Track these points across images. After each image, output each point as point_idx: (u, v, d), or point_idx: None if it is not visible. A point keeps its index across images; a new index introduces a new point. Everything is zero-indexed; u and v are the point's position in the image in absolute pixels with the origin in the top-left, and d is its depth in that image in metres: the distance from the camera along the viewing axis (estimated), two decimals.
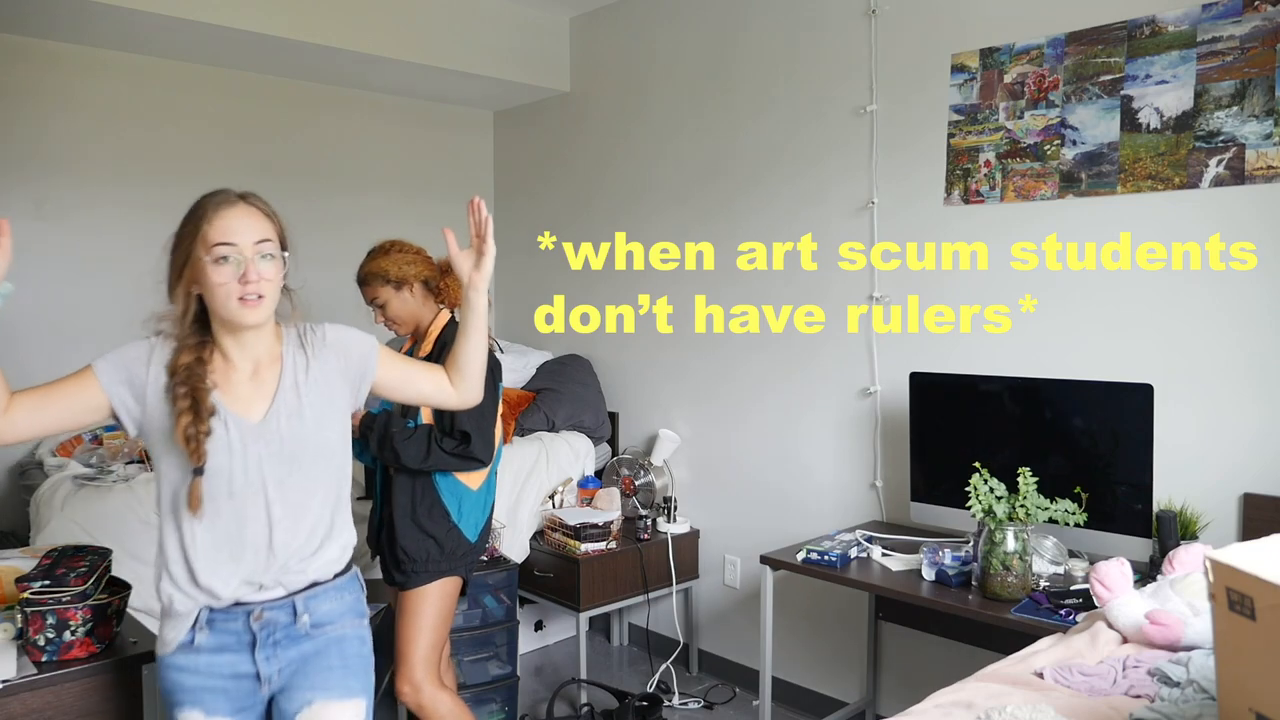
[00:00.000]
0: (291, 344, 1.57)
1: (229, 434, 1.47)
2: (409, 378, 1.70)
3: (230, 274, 1.45)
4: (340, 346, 1.61)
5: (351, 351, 1.61)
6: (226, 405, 1.49)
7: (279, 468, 1.50)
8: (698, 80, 3.63)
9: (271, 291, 1.49)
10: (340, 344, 1.61)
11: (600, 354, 4.07)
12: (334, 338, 1.61)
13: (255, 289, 1.46)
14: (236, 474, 1.47)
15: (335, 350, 1.60)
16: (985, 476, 2.22)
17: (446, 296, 2.51)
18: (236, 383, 1.52)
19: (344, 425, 1.61)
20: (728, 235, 3.52)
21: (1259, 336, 2.27)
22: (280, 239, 1.55)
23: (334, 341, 1.61)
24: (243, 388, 1.52)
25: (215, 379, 1.50)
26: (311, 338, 1.59)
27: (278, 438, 1.50)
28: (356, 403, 1.63)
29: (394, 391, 1.69)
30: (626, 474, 3.79)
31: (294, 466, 1.51)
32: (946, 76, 2.83)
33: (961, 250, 2.82)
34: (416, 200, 4.34)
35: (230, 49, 3.50)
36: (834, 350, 3.18)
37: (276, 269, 1.51)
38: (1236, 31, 2.27)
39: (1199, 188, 2.34)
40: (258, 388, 1.53)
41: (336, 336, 1.62)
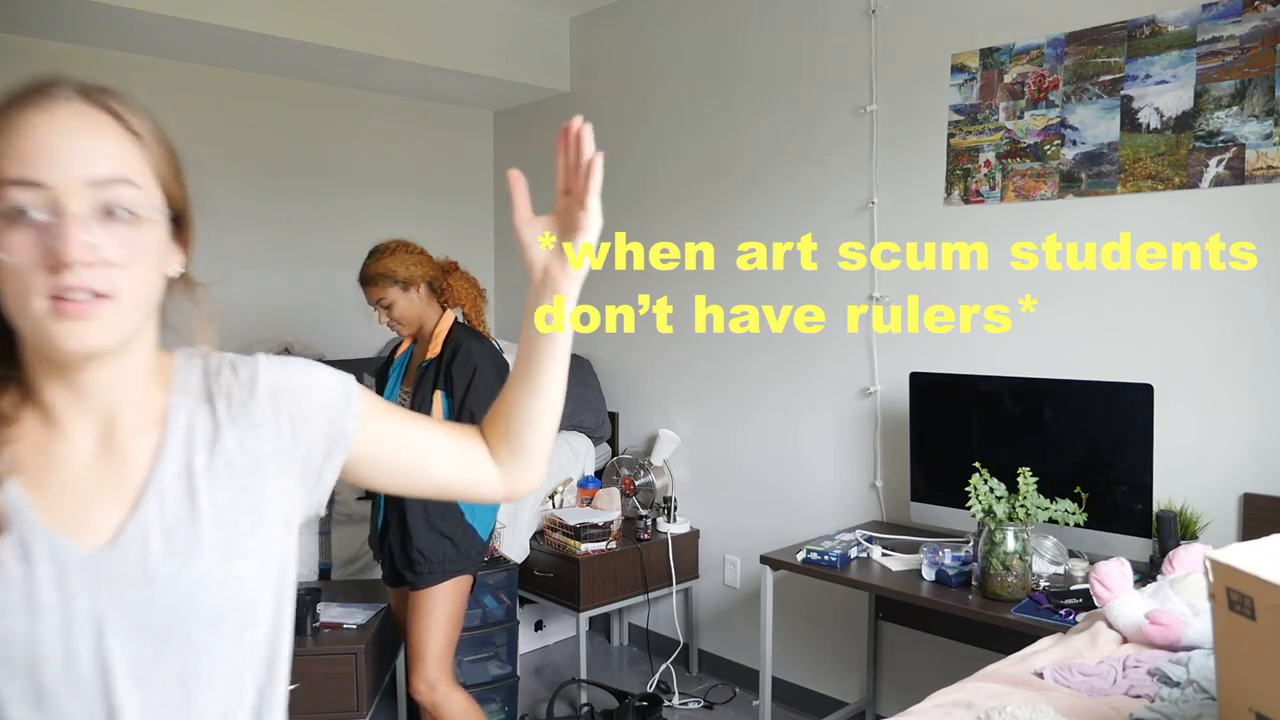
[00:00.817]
0: (188, 393, 0.82)
1: (34, 575, 0.72)
2: (413, 443, 0.92)
3: (32, 245, 0.70)
4: (287, 394, 0.85)
5: (307, 401, 0.85)
6: (37, 514, 0.74)
7: (139, 641, 0.74)
8: (698, 80, 3.63)
9: (129, 286, 0.74)
10: (286, 390, 0.85)
11: (600, 354, 4.07)
12: (273, 380, 0.85)
13: (85, 279, 0.70)
14: (49, 657, 0.71)
15: (274, 402, 0.84)
16: (985, 476, 2.22)
17: (450, 297, 2.52)
18: (62, 467, 0.77)
19: (281, 551, 0.83)
20: (728, 235, 3.52)
21: (1259, 336, 2.27)
22: (163, 182, 0.78)
23: (272, 387, 0.84)
24: (75, 479, 0.76)
25: (16, 459, 0.76)
26: (228, 382, 0.84)
27: (141, 581, 0.74)
28: (313, 501, 0.87)
29: (384, 470, 0.91)
30: (626, 474, 3.79)
31: (171, 639, 0.75)
32: (946, 76, 2.83)
33: (961, 250, 2.82)
34: (416, 200, 4.34)
35: (230, 49, 3.50)
36: (834, 350, 3.18)
37: (141, 238, 0.74)
38: (1236, 31, 2.27)
39: (1199, 188, 2.34)
40: (107, 478, 0.77)
41: (278, 378, 0.85)
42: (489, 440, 0.96)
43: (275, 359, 0.87)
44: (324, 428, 0.85)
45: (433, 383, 2.40)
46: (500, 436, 0.96)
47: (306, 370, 0.87)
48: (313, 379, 0.86)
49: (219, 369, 0.84)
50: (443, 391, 2.39)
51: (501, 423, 0.95)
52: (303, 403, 0.85)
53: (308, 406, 0.85)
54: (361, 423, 0.87)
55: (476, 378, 2.36)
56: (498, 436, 0.96)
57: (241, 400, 0.82)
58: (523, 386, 0.94)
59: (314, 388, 0.86)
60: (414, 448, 0.92)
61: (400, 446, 0.91)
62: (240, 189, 3.81)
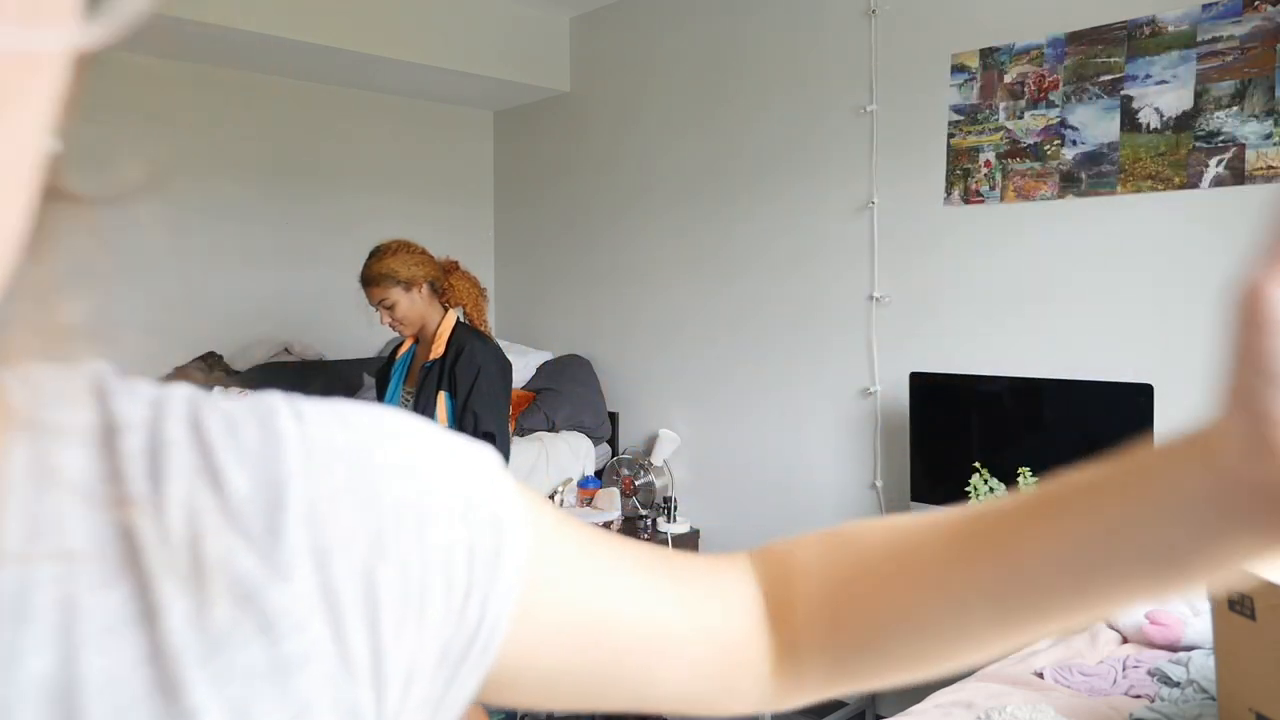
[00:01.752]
0: (68, 485, 0.28)
1: None
2: (626, 630, 0.43)
3: None
4: (351, 535, 0.32)
5: (406, 555, 0.33)
6: None
7: None
8: (698, 80, 3.62)
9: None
10: (355, 518, 0.32)
11: (600, 354, 4.07)
12: (320, 487, 0.32)
13: None
14: None
15: (320, 555, 0.31)
16: (985, 476, 2.22)
17: (451, 297, 2.52)
18: None
19: None
20: (727, 235, 3.52)
21: None
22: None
23: (317, 503, 0.31)
24: None
25: None
26: (192, 491, 0.30)
27: None
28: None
29: (554, 689, 0.42)
30: (626, 474, 3.79)
31: None
32: (946, 76, 2.83)
33: (962, 250, 2.82)
34: (416, 200, 4.34)
35: (230, 49, 3.50)
36: (834, 350, 3.18)
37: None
38: (1236, 31, 2.27)
39: (1199, 188, 2.34)
40: None
41: (333, 478, 0.32)
42: (793, 620, 0.47)
43: (317, 410, 0.34)
44: (443, 620, 0.34)
45: (436, 384, 2.40)
46: (844, 632, 0.46)
47: (400, 448, 0.35)
48: (423, 480, 0.35)
49: (157, 434, 0.31)
50: (447, 393, 2.39)
51: (868, 613, 0.45)
52: (395, 558, 0.33)
53: (409, 570, 0.33)
54: (526, 602, 0.38)
55: (481, 378, 2.36)
56: (834, 628, 0.46)
57: (236, 550, 0.30)
58: (1008, 584, 0.41)
59: (425, 515, 0.34)
60: (626, 641, 0.43)
61: (600, 640, 0.42)
62: (240, 189, 3.80)
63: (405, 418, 0.37)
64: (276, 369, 3.71)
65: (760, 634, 0.47)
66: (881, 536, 0.47)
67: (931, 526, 0.45)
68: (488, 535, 0.36)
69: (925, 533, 0.45)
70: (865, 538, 0.48)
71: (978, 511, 0.44)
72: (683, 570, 0.47)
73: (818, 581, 0.47)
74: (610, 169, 4.00)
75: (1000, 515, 0.42)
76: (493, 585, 0.36)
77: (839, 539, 0.49)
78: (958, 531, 0.44)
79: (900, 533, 0.47)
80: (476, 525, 0.36)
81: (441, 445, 0.37)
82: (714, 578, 0.48)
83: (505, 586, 0.37)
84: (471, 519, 0.36)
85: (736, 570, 0.49)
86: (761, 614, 0.48)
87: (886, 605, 0.45)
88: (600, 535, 0.46)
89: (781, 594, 0.48)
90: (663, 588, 0.45)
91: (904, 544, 0.46)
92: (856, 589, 0.46)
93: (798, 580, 0.47)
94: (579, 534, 0.44)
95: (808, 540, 0.50)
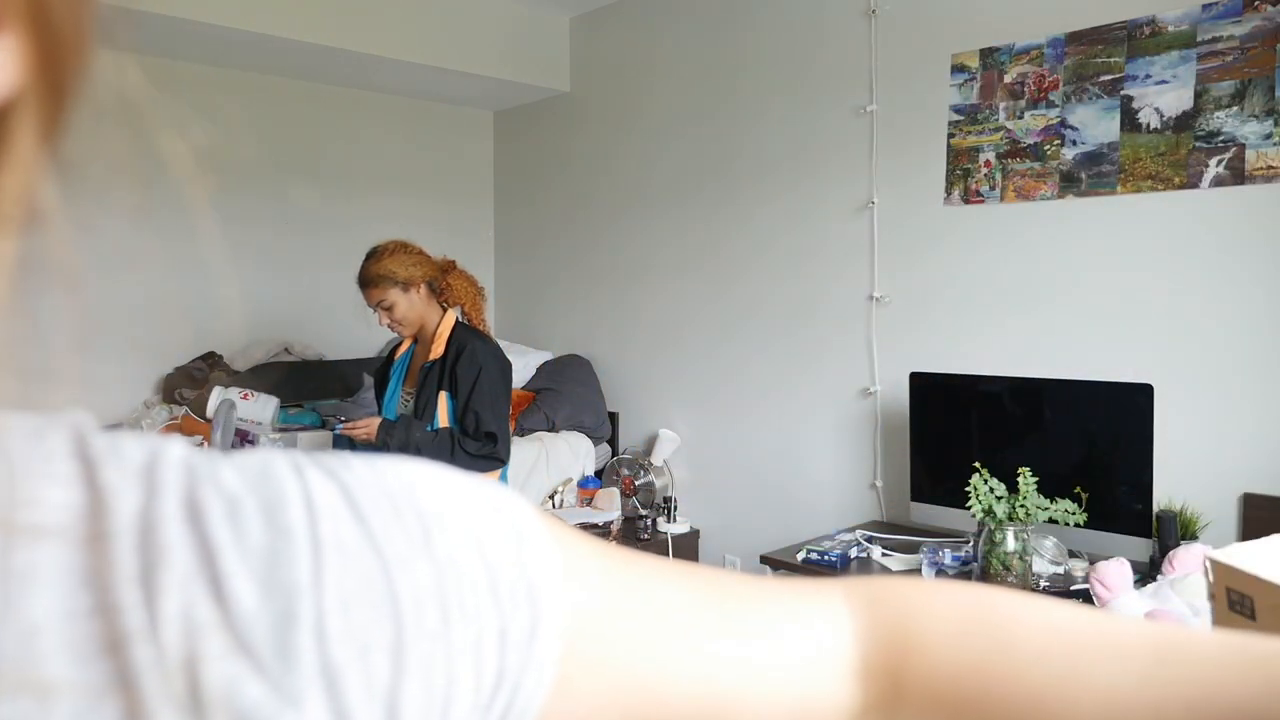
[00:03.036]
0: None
1: None
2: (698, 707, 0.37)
3: None
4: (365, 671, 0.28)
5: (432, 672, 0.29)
6: None
7: None
8: (698, 80, 3.62)
9: None
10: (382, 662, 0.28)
11: (600, 354, 4.07)
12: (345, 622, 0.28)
13: None
14: None
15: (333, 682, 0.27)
16: (985, 476, 2.22)
17: (449, 296, 2.51)
18: None
19: None
20: (727, 235, 3.51)
21: (1259, 336, 2.27)
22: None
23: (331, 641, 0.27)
24: None
25: None
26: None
27: None
28: None
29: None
30: (626, 474, 3.79)
31: None
32: (946, 76, 2.83)
33: (962, 250, 2.82)
34: (416, 200, 4.34)
35: (230, 49, 3.50)
36: (834, 350, 3.18)
37: None
38: (1236, 31, 2.27)
39: (1199, 188, 2.34)
40: None
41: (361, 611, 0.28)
42: (897, 701, 0.41)
43: (325, 492, 0.30)
44: (468, 716, 0.31)
45: (437, 384, 2.40)
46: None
47: (417, 526, 0.31)
48: (444, 560, 0.31)
49: (150, 527, 0.26)
50: (447, 393, 2.39)
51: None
52: (418, 667, 0.29)
53: (434, 675, 0.29)
54: (565, 675, 0.34)
55: (482, 378, 2.36)
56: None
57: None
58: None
59: (450, 606, 0.30)
60: (682, 711, 0.38)
61: (650, 714, 0.37)
62: (240, 189, 3.80)
63: (420, 476, 0.32)
64: (276, 369, 3.71)
65: (846, 698, 0.41)
66: (1042, 639, 0.39)
67: (1115, 648, 0.38)
68: (522, 613, 0.32)
69: (1105, 650, 0.38)
70: (1021, 635, 0.40)
71: (1175, 642, 0.37)
72: (757, 613, 0.40)
73: (947, 672, 0.40)
74: (610, 169, 4.00)
75: (1206, 664, 0.35)
76: (524, 672, 0.32)
77: (985, 625, 0.41)
78: (1152, 669, 0.36)
79: (1071, 642, 0.39)
80: (508, 603, 0.32)
81: (460, 507, 0.32)
82: (798, 624, 0.41)
83: (538, 671, 0.32)
84: (502, 596, 0.32)
85: (827, 614, 0.42)
86: (851, 674, 0.41)
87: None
88: (655, 575, 0.39)
89: (887, 662, 0.41)
90: (732, 641, 0.39)
91: (1079, 661, 0.38)
92: (999, 697, 0.38)
93: (917, 659, 0.40)
94: (626, 578, 0.38)
95: (938, 607, 0.42)
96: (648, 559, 0.41)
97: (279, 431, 3.33)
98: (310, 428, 3.43)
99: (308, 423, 3.49)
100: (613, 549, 0.39)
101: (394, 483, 0.31)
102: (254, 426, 3.29)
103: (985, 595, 0.42)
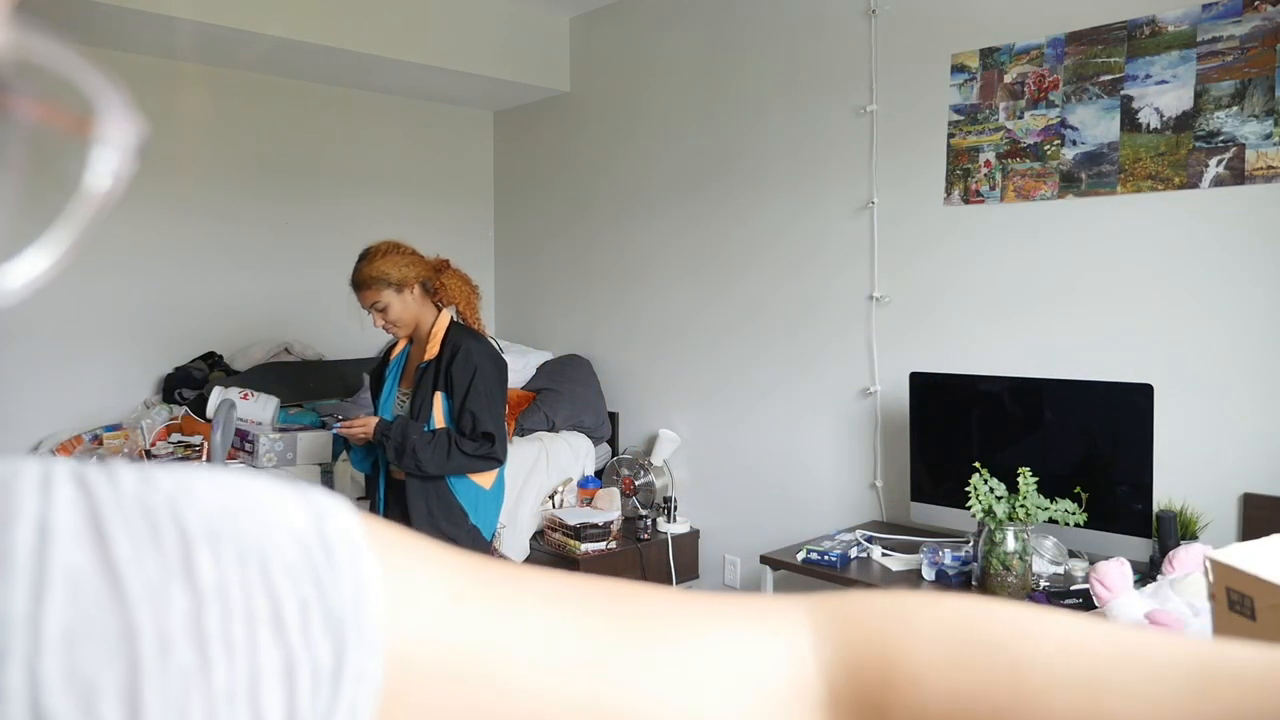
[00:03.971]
0: None
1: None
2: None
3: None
4: None
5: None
6: None
7: None
8: (698, 80, 3.62)
9: None
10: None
11: (600, 354, 4.07)
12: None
13: None
14: None
15: None
16: (985, 476, 2.22)
17: (444, 296, 2.50)
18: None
19: None
20: (728, 235, 3.51)
21: (1259, 336, 2.27)
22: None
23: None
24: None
25: None
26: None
27: None
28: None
29: None
30: (626, 474, 3.79)
31: None
32: (946, 76, 2.83)
33: (962, 250, 2.82)
34: (416, 201, 4.34)
35: (230, 49, 3.50)
36: (834, 350, 3.18)
37: None
38: (1236, 31, 2.27)
39: (1199, 188, 2.34)
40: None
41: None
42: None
43: (69, 517, 0.27)
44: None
45: (432, 384, 2.39)
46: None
47: (202, 517, 0.28)
48: (222, 572, 0.28)
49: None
50: (443, 393, 2.39)
51: None
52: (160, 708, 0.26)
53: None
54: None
55: (478, 378, 2.35)
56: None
57: None
58: None
59: (211, 638, 0.27)
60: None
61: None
62: (240, 189, 3.81)
63: (198, 488, 0.28)
64: (276, 369, 3.71)
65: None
66: (1056, 659, 0.33)
67: (1145, 670, 0.32)
68: (320, 648, 0.28)
69: (1135, 673, 0.32)
70: (1029, 655, 0.33)
71: (1213, 661, 0.32)
72: (679, 637, 0.34)
73: (942, 703, 0.34)
74: (610, 169, 4.00)
75: (1252, 690, 0.30)
76: (330, 718, 0.28)
77: (983, 643, 0.35)
78: (1191, 696, 0.31)
79: (1092, 662, 0.33)
80: (297, 636, 0.28)
81: (244, 523, 0.28)
82: (735, 649, 0.35)
83: (348, 716, 0.28)
84: (289, 627, 0.27)
85: (779, 635, 0.36)
86: (814, 706, 0.35)
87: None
88: (543, 595, 0.34)
89: (864, 692, 0.35)
90: (637, 671, 0.33)
91: (1106, 685, 0.32)
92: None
93: (903, 687, 0.34)
94: (498, 601, 0.33)
95: (924, 624, 0.35)
96: (542, 576, 0.35)
97: (279, 431, 3.33)
98: (310, 428, 3.43)
99: (308, 423, 3.49)
100: (489, 565, 0.33)
101: (159, 498, 0.27)
102: (254, 426, 3.29)
103: (977, 608, 0.36)
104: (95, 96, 0.22)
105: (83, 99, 0.22)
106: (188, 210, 3.60)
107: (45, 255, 0.22)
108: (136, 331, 3.57)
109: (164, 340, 3.63)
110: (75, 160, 0.22)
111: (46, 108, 0.21)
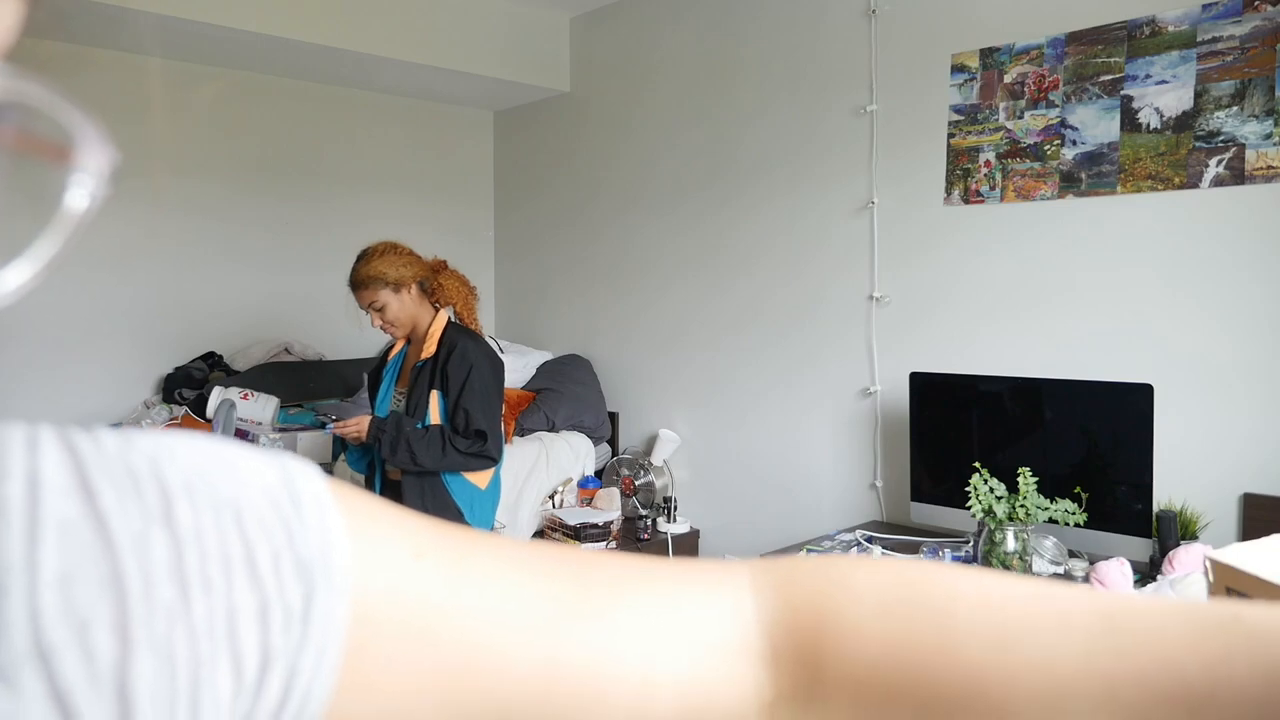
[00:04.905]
0: None
1: None
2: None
3: None
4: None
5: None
6: None
7: None
8: (698, 80, 3.62)
9: None
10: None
11: (600, 354, 4.07)
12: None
13: None
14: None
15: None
16: (985, 476, 2.21)
17: (441, 296, 2.51)
18: None
19: None
20: (727, 235, 3.51)
21: (1259, 336, 2.27)
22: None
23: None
24: None
25: None
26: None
27: None
28: None
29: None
30: (626, 474, 3.79)
31: None
32: (946, 76, 2.83)
33: (962, 250, 2.82)
34: (416, 201, 4.34)
35: (230, 49, 3.50)
36: (834, 350, 3.18)
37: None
38: (1236, 31, 2.27)
39: (1199, 188, 2.34)
40: None
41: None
42: (817, 687, 0.38)
43: (58, 472, 0.29)
44: (232, 706, 0.29)
45: (428, 383, 2.40)
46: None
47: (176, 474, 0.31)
48: (197, 520, 0.30)
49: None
50: (439, 392, 2.39)
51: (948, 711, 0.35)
52: (149, 644, 0.28)
53: (176, 656, 0.28)
54: (356, 668, 0.32)
55: (473, 376, 2.35)
56: (883, 712, 0.36)
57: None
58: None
59: (191, 579, 0.29)
60: (518, 699, 0.35)
61: (476, 700, 0.34)
62: (240, 189, 3.81)
63: (175, 449, 0.31)
64: (276, 369, 3.71)
65: (750, 687, 0.38)
66: (978, 611, 0.35)
67: (1058, 618, 0.34)
68: (290, 591, 0.30)
69: (1048, 620, 0.34)
70: (953, 608, 0.36)
71: (1122, 611, 0.34)
72: (630, 597, 0.37)
73: (871, 652, 0.36)
74: (610, 169, 4.00)
75: (1156, 633, 0.32)
76: (300, 654, 0.30)
77: (911, 599, 0.37)
78: (1099, 639, 0.33)
79: (1010, 613, 0.35)
80: (269, 579, 0.30)
81: (218, 479, 0.31)
82: (681, 608, 0.38)
83: (316, 654, 0.30)
84: (262, 571, 0.30)
85: (722, 596, 0.39)
86: (756, 660, 0.38)
87: (980, 707, 0.34)
88: (500, 557, 0.36)
89: (801, 647, 0.37)
90: (589, 626, 0.36)
91: (1019, 632, 0.34)
92: (931, 676, 0.35)
93: (835, 640, 0.37)
94: (457, 560, 0.35)
95: (858, 583, 0.38)
96: (502, 540, 0.38)
97: (279, 431, 3.33)
98: (310, 427, 3.43)
99: (307, 423, 3.49)
100: (451, 528, 0.36)
101: (139, 456, 0.30)
102: (254, 426, 3.29)
103: (912, 569, 0.38)
104: (74, 129, 0.25)
105: (63, 131, 0.25)
106: (188, 210, 3.60)
107: (28, 267, 0.25)
108: (136, 331, 3.57)
109: (164, 340, 3.63)
110: (56, 184, 0.25)
111: (30, 139, 0.24)
